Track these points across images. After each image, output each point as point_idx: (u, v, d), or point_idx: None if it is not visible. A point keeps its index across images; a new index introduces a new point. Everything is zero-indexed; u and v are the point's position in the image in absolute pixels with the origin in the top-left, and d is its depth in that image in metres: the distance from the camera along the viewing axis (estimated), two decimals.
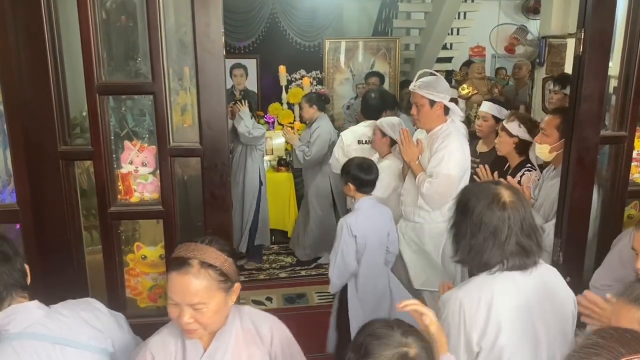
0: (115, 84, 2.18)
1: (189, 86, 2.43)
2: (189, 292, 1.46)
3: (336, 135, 4.76)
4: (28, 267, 1.65)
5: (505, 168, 3.23)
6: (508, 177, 2.91)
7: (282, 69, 5.94)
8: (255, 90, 7.47)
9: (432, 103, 3.06)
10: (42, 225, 2.14)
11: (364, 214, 2.88)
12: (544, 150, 2.74)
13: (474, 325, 1.61)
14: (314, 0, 8.38)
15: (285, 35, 8.59)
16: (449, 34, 7.77)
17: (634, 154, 2.47)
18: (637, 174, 2.53)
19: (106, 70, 2.14)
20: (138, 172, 2.18)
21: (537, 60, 6.49)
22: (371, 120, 4.13)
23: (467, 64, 7.04)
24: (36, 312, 1.58)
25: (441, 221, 3.05)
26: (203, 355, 1.56)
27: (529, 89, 6.25)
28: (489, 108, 3.67)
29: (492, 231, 1.61)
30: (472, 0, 8.16)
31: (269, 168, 5.45)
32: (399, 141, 3.29)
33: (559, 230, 2.46)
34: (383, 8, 8.42)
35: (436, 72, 3.37)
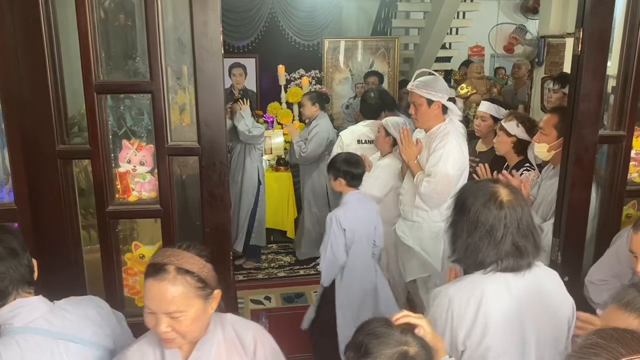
0: (113, 82, 2.18)
1: (187, 85, 2.43)
2: (165, 300, 1.40)
3: (335, 134, 4.76)
4: (36, 262, 1.66)
5: (504, 167, 3.24)
6: (512, 172, 2.88)
7: (281, 69, 5.94)
8: (255, 90, 7.47)
9: (430, 102, 3.06)
10: (40, 224, 2.14)
11: (352, 208, 2.97)
12: (542, 149, 2.74)
13: (461, 324, 1.60)
14: (313, 0, 8.39)
15: (284, 35, 8.60)
16: (448, 33, 7.78)
17: (633, 153, 2.47)
18: (635, 174, 2.53)
19: (104, 69, 2.14)
20: (136, 171, 2.18)
21: (536, 59, 6.49)
22: (371, 120, 4.13)
23: (466, 63, 7.04)
24: (40, 307, 1.58)
25: (439, 220, 3.05)
26: None
27: (528, 89, 6.26)
28: (487, 108, 3.67)
29: (488, 230, 1.60)
30: (471, 0, 8.16)
31: (267, 167, 5.45)
32: (398, 140, 3.30)
33: (558, 230, 2.46)
34: (382, 7, 8.42)
35: (435, 71, 3.37)
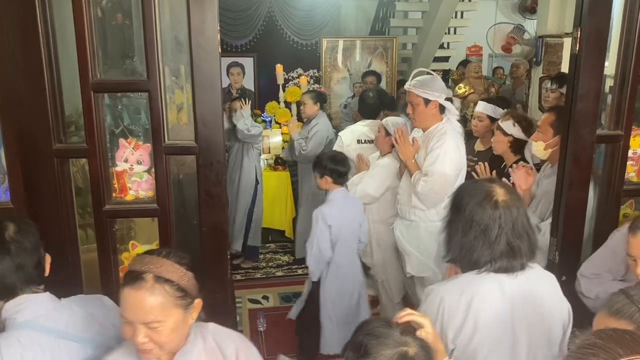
0: (110, 81, 2.17)
1: (184, 84, 2.42)
2: (142, 310, 1.34)
3: (334, 133, 4.76)
4: (49, 258, 1.67)
5: (502, 166, 3.24)
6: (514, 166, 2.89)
7: (279, 68, 5.92)
8: (253, 89, 7.46)
9: (427, 102, 3.06)
10: (36, 223, 2.11)
11: (337, 205, 3.04)
12: (539, 148, 2.74)
13: (451, 322, 1.60)
14: None
15: (283, 34, 8.58)
16: (446, 33, 7.77)
17: (630, 152, 2.47)
18: (632, 173, 2.53)
19: (101, 68, 2.13)
20: (133, 170, 2.17)
21: (534, 59, 6.49)
22: (370, 120, 4.12)
23: (464, 63, 7.04)
24: (46, 304, 1.58)
25: (437, 220, 3.05)
26: None
27: (526, 88, 6.26)
28: (483, 108, 3.67)
29: (482, 229, 1.60)
30: (469, 0, 8.16)
31: (265, 167, 5.44)
32: (394, 140, 3.30)
33: (555, 229, 2.46)
34: (380, 7, 8.42)
35: (433, 71, 3.37)
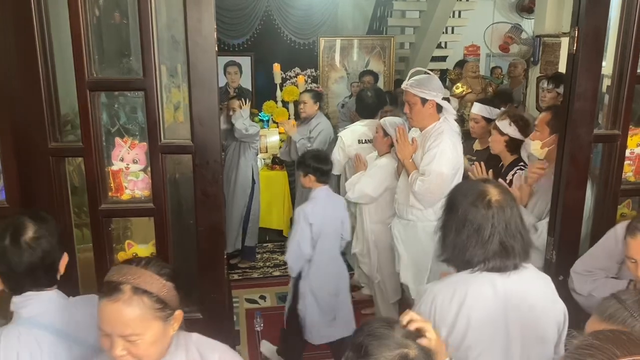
0: (106, 80, 2.16)
1: (181, 83, 2.41)
2: (119, 322, 1.30)
3: (334, 133, 4.77)
4: (65, 259, 1.69)
5: (500, 166, 3.24)
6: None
7: (276, 67, 5.92)
8: (250, 88, 7.44)
9: (424, 101, 3.05)
10: None
11: (320, 203, 3.09)
12: (536, 146, 2.75)
13: (443, 321, 1.61)
14: None
15: (280, 33, 8.57)
16: (443, 32, 7.78)
17: (627, 152, 2.47)
18: (629, 173, 2.53)
19: (97, 66, 2.12)
20: (129, 169, 2.16)
21: (531, 59, 6.50)
22: (369, 119, 4.11)
23: (460, 64, 7.03)
24: (51, 303, 1.58)
25: (434, 219, 3.02)
26: None
27: (523, 88, 6.27)
28: (478, 110, 3.67)
29: (475, 229, 1.60)
30: None
31: (263, 166, 5.43)
32: (394, 139, 3.30)
33: (552, 229, 2.46)
34: (378, 6, 8.42)
35: (430, 71, 3.37)
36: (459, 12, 8.12)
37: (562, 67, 5.47)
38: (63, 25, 2.03)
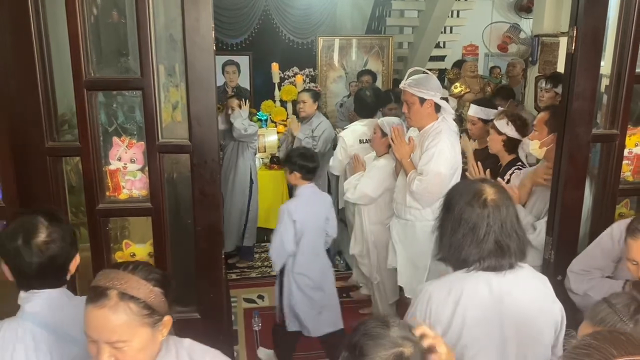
0: (103, 79, 2.15)
1: (179, 82, 2.41)
2: (106, 329, 1.28)
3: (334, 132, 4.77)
4: (77, 260, 1.69)
5: (498, 165, 3.24)
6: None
7: (274, 66, 5.91)
8: (248, 88, 7.44)
9: (422, 101, 3.05)
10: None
11: (304, 201, 3.15)
12: (534, 146, 2.75)
13: (439, 320, 1.61)
14: None
15: (278, 33, 8.57)
16: (442, 32, 7.77)
17: (625, 152, 2.47)
18: (628, 172, 2.53)
19: (96, 66, 2.12)
20: (126, 169, 2.16)
21: (530, 58, 6.49)
22: (369, 119, 4.11)
23: (458, 64, 7.02)
24: (52, 301, 1.58)
25: (432, 219, 3.01)
26: None
27: (522, 88, 6.27)
28: (475, 111, 3.67)
29: (471, 227, 1.61)
30: None
31: (261, 166, 5.42)
32: (390, 139, 3.29)
33: (551, 229, 2.46)
34: (376, 6, 8.41)
35: (429, 70, 3.36)
36: (458, 12, 8.12)
37: (560, 67, 5.47)
38: (60, 24, 2.02)
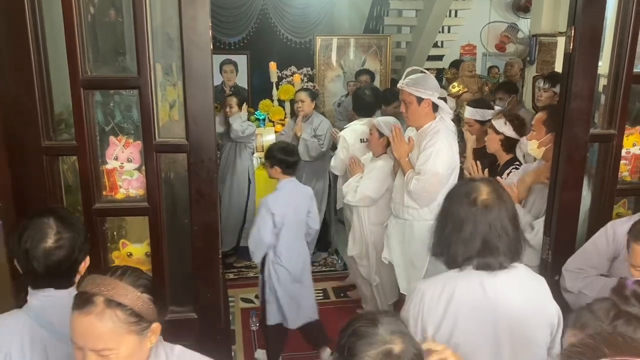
0: (99, 78, 2.14)
1: (177, 81, 2.40)
2: (91, 336, 1.25)
3: None
4: (87, 262, 1.68)
5: (496, 165, 3.24)
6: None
7: (272, 66, 5.89)
8: (246, 87, 7.43)
9: (420, 100, 3.04)
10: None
11: (284, 194, 3.23)
12: (533, 146, 2.75)
13: (431, 318, 1.61)
14: None
15: (276, 32, 8.54)
16: (440, 31, 7.76)
17: (623, 152, 2.47)
18: (625, 172, 2.53)
19: (92, 65, 2.11)
20: (123, 168, 2.15)
21: (528, 58, 6.51)
22: (368, 118, 4.10)
23: (455, 64, 7.02)
24: (58, 301, 1.57)
25: (430, 218, 3.03)
26: None
27: (520, 87, 6.27)
28: (470, 113, 3.67)
29: (459, 224, 1.62)
30: None
31: (259, 165, 5.41)
32: (390, 138, 3.29)
33: (548, 228, 2.46)
34: (374, 5, 8.40)
35: (427, 70, 3.36)
36: (456, 12, 8.11)
37: (558, 67, 5.48)
38: (57, 22, 2.01)
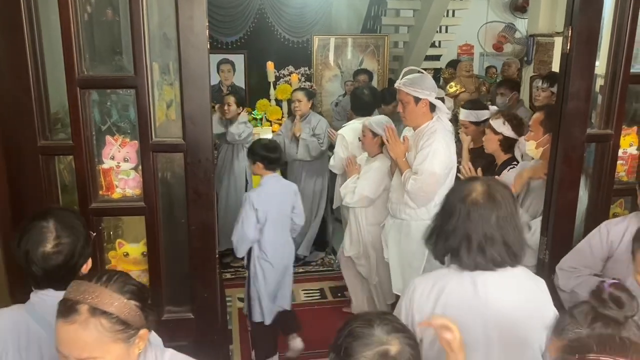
0: (96, 77, 2.14)
1: (174, 81, 2.40)
2: (76, 345, 1.21)
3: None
4: (90, 264, 1.68)
5: (494, 164, 3.24)
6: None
7: (270, 65, 5.89)
8: (243, 86, 7.42)
9: (417, 100, 3.04)
10: (21, 221, 2.09)
11: (266, 190, 3.24)
12: (531, 147, 2.76)
13: (420, 313, 1.62)
14: None
15: (274, 31, 8.54)
16: (437, 31, 7.77)
17: (620, 152, 2.48)
18: (622, 172, 2.54)
19: (89, 64, 2.10)
20: (120, 168, 2.14)
21: (525, 58, 6.51)
22: (365, 118, 4.09)
23: (452, 64, 7.03)
24: (54, 300, 1.55)
25: (427, 218, 3.02)
26: None
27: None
28: (465, 116, 3.67)
29: (446, 218, 1.64)
30: None
31: None
32: (384, 138, 3.28)
33: (545, 228, 2.46)
34: (372, 5, 8.39)
35: (424, 70, 3.36)
36: (453, 12, 8.11)
37: (555, 67, 5.49)
38: (53, 21, 2.01)
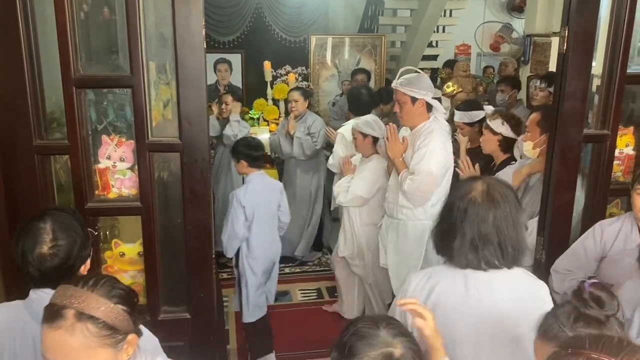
0: (92, 77, 2.13)
1: (170, 80, 2.39)
2: (62, 351, 1.19)
3: None
4: (88, 265, 1.66)
5: (492, 164, 3.24)
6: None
7: (267, 65, 5.88)
8: (240, 86, 7.40)
9: (414, 100, 3.04)
10: (16, 221, 2.08)
11: (252, 187, 3.26)
12: (528, 147, 2.76)
13: None
14: None
15: (271, 31, 8.53)
16: (434, 31, 7.77)
17: (616, 152, 2.48)
18: (619, 173, 2.54)
19: (85, 63, 2.09)
20: (116, 168, 2.14)
21: (522, 58, 6.52)
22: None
23: (450, 64, 7.03)
24: (45, 297, 1.56)
25: (424, 218, 3.04)
26: None
27: None
28: (459, 118, 3.68)
29: (445, 214, 1.65)
30: None
31: None
32: (384, 137, 3.28)
33: (542, 229, 2.46)
34: (369, 5, 8.39)
35: (421, 69, 3.35)
36: (450, 11, 8.12)
37: (552, 67, 5.50)
38: (49, 20, 2.00)
